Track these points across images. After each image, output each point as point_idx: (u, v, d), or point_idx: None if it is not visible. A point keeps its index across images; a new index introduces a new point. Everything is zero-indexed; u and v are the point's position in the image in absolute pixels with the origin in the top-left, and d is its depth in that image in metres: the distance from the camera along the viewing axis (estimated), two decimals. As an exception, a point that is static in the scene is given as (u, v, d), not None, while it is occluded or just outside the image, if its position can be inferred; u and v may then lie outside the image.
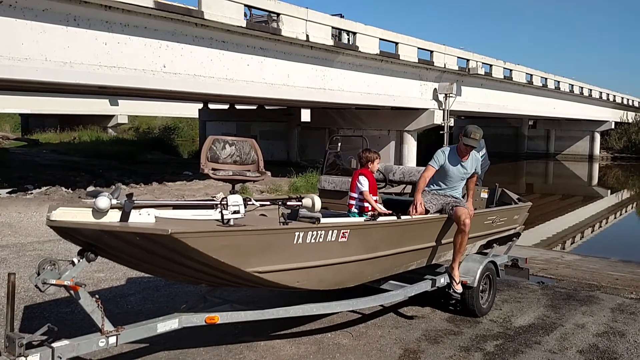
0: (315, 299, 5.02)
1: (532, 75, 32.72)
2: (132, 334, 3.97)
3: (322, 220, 4.42)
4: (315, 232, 4.32)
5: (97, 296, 3.80)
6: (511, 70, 30.12)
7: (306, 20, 17.41)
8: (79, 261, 3.75)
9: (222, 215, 3.89)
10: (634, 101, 54.36)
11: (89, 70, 12.48)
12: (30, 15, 11.41)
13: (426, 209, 5.55)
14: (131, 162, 25.38)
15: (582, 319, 6.13)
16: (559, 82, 36.76)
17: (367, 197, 5.46)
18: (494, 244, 6.80)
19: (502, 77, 29.24)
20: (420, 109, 24.31)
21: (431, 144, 33.40)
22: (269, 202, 4.82)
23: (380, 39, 20.86)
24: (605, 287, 7.68)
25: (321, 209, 4.48)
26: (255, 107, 31.51)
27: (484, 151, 7.77)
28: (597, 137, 48.33)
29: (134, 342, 4.19)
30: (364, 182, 5.50)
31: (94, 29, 12.46)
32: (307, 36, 17.38)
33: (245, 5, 15.40)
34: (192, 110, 38.51)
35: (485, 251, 6.68)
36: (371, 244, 4.99)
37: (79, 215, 3.58)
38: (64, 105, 38.48)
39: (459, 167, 5.79)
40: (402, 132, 25.18)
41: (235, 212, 3.91)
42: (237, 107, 32.11)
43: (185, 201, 5.13)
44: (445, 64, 24.51)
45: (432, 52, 23.96)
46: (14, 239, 9.35)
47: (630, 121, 51.26)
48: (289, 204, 4.62)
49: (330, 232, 4.46)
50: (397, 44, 21.84)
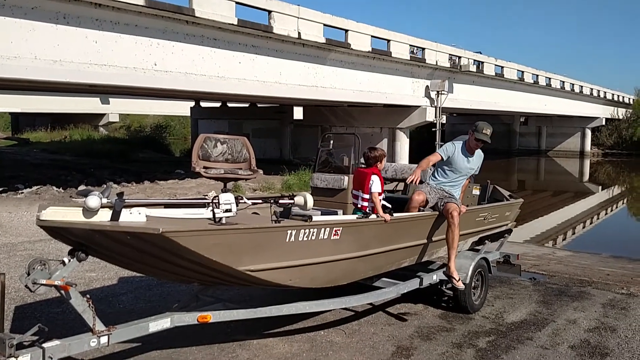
0: (308, 297, 5.02)
1: (523, 72, 32.86)
2: (124, 334, 3.96)
3: (317, 218, 4.41)
4: (307, 230, 4.32)
5: (88, 296, 3.78)
6: (502, 67, 30.25)
7: (298, 17, 17.39)
8: (70, 261, 3.73)
9: (214, 213, 3.88)
10: (624, 97, 54.75)
11: (79, 68, 12.39)
12: (19, 13, 11.31)
13: (426, 199, 5.73)
14: (123, 160, 25.25)
15: (574, 315, 6.17)
16: (550, 79, 36.94)
17: (375, 200, 5.19)
18: (486, 241, 6.82)
19: (494, 74, 29.36)
20: (412, 106, 24.34)
21: (423, 141, 33.62)
22: (261, 201, 4.81)
23: (372, 37, 20.88)
24: (596, 283, 7.72)
25: (314, 207, 4.46)
26: (247, 105, 31.43)
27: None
28: (588, 133, 48.65)
29: (126, 341, 4.18)
30: (377, 184, 5.23)
31: (84, 27, 12.38)
32: (299, 34, 17.36)
33: (236, 2, 15.34)
34: (184, 108, 38.37)
35: (477, 248, 6.70)
36: (363, 241, 4.98)
37: (69, 214, 3.55)
38: (54, 103, 38.26)
39: (466, 162, 5.89)
40: (394, 130, 25.21)
41: (227, 211, 3.90)
42: (229, 105, 32.02)
43: (176, 200, 5.10)
44: (437, 61, 24.58)
45: (424, 49, 24.01)
46: (5, 239, 9.28)
47: (620, 117, 51.62)
48: (281, 202, 4.61)
49: (322, 229, 4.45)
50: (389, 41, 21.87)
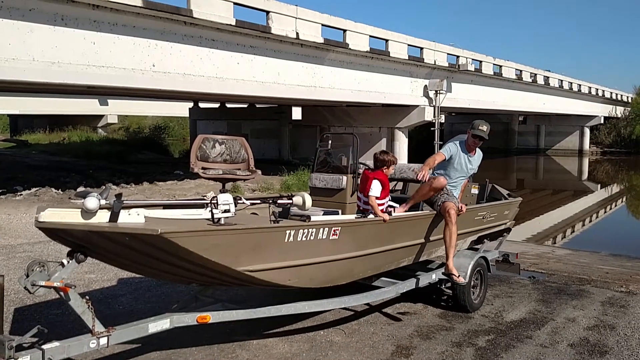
0: (307, 296, 5.02)
1: (521, 71, 32.88)
2: (124, 335, 3.95)
3: (316, 218, 4.42)
4: (306, 230, 4.32)
5: (87, 297, 3.78)
6: (501, 66, 30.27)
7: (296, 17, 17.39)
8: (69, 262, 3.72)
9: (213, 214, 3.88)
10: (622, 96, 54.77)
11: (78, 70, 12.38)
12: (17, 15, 11.30)
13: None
14: (121, 162, 25.23)
15: (573, 313, 6.17)
16: (548, 77, 36.98)
17: (372, 203, 5.20)
18: (485, 240, 6.83)
19: (492, 73, 29.37)
20: (410, 106, 24.35)
21: (422, 140, 33.62)
22: (259, 201, 4.81)
23: (370, 36, 20.88)
24: (595, 281, 7.73)
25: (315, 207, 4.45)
26: (246, 106, 31.43)
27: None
28: (587, 132, 48.68)
29: (125, 342, 4.17)
30: (376, 188, 5.24)
31: (82, 29, 12.37)
32: (297, 34, 17.36)
33: (234, 3, 15.34)
34: (182, 109, 38.33)
35: (476, 247, 6.71)
36: (362, 241, 4.99)
37: (67, 216, 3.55)
38: (53, 105, 38.20)
39: (466, 162, 5.91)
40: (393, 129, 25.22)
41: (225, 211, 3.90)
42: (228, 105, 32.02)
43: (175, 201, 5.10)
44: (435, 61, 24.58)
45: (422, 49, 24.02)
46: (4, 241, 9.27)
47: (619, 116, 51.67)
48: (279, 202, 4.62)
49: (321, 230, 4.46)
50: (387, 41, 21.87)
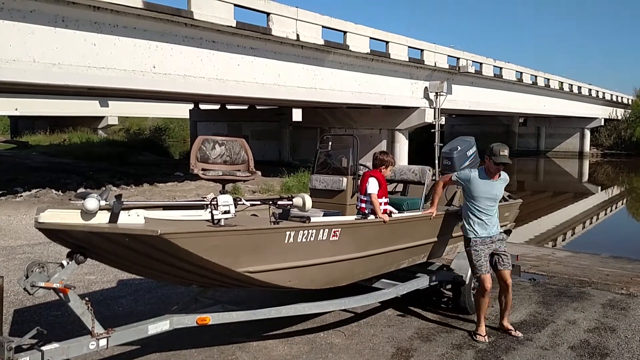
0: (307, 298, 5.02)
1: (522, 73, 32.88)
2: (123, 336, 3.95)
3: (316, 219, 4.41)
4: (306, 232, 4.32)
5: (87, 298, 3.78)
6: (501, 68, 30.26)
7: (296, 19, 17.38)
8: (68, 263, 3.72)
9: (212, 215, 3.88)
10: (623, 98, 54.76)
11: (78, 71, 12.38)
12: (17, 16, 11.30)
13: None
14: (122, 163, 25.23)
15: (574, 315, 6.16)
16: (548, 79, 36.96)
17: (374, 200, 5.26)
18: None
19: (492, 75, 29.36)
20: (411, 108, 24.34)
21: (422, 142, 33.60)
22: (259, 202, 4.81)
23: (370, 38, 20.88)
24: (596, 283, 7.72)
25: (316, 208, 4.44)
26: (246, 107, 31.43)
27: (474, 149, 7.79)
28: (587, 134, 48.64)
29: (125, 344, 4.17)
30: (373, 185, 5.31)
31: (83, 30, 12.37)
32: (297, 36, 17.36)
33: (235, 5, 15.34)
34: (183, 110, 38.34)
35: (476, 248, 6.68)
36: (362, 242, 4.98)
37: (67, 217, 3.55)
38: (53, 106, 38.21)
39: (489, 187, 5.52)
40: (393, 131, 25.20)
41: (225, 212, 3.90)
42: (229, 107, 32.01)
43: (175, 202, 5.10)
44: (435, 63, 24.57)
45: (422, 50, 24.01)
46: (4, 242, 9.27)
47: (619, 118, 51.62)
48: (279, 203, 4.61)
49: (321, 231, 4.45)
50: (387, 42, 21.87)
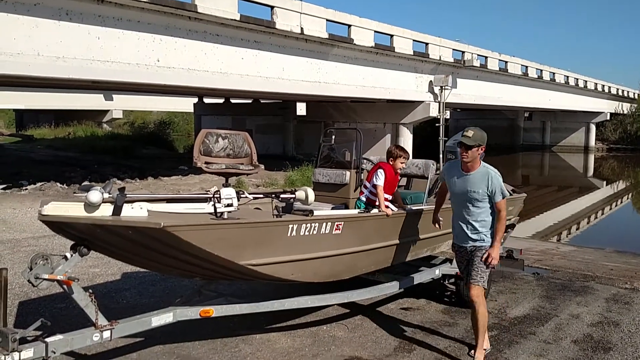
0: (310, 291, 5.03)
1: (527, 67, 32.72)
2: (127, 328, 3.97)
3: (319, 212, 4.41)
4: (309, 225, 4.32)
5: (90, 290, 3.80)
6: (506, 62, 30.12)
7: (300, 12, 17.34)
8: (72, 256, 3.74)
9: (215, 208, 3.88)
10: (629, 92, 54.45)
11: (82, 65, 12.40)
12: (22, 9, 11.32)
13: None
14: (126, 157, 25.26)
15: (577, 310, 6.15)
16: (554, 73, 36.79)
17: (379, 192, 5.22)
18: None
19: (498, 69, 29.23)
20: (415, 102, 24.29)
21: (427, 136, 33.54)
22: (262, 195, 4.81)
23: (375, 32, 20.81)
24: (600, 278, 7.70)
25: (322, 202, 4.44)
26: (250, 101, 31.43)
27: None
28: (593, 128, 48.44)
29: (128, 336, 4.19)
30: (381, 176, 5.25)
31: (87, 23, 12.38)
32: (301, 29, 17.31)
33: (238, -2, 15.32)
34: (187, 104, 38.41)
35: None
36: (365, 236, 4.98)
37: (71, 209, 3.56)
38: (58, 100, 38.33)
39: (463, 183, 4.63)
40: (397, 125, 25.15)
41: (228, 205, 3.90)
42: (233, 101, 32.02)
43: (178, 195, 5.12)
44: (440, 56, 24.48)
45: (427, 44, 23.91)
46: (9, 235, 9.31)
47: (625, 112, 51.35)
48: (282, 196, 4.61)
49: (324, 224, 4.45)
50: (392, 36, 21.79)
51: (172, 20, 14.08)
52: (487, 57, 28.19)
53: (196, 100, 33.45)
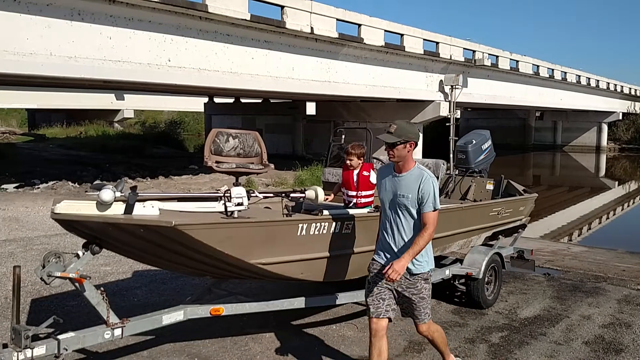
0: (319, 291, 5.03)
1: (538, 66, 32.48)
2: (138, 326, 4.00)
3: (329, 212, 4.42)
4: (319, 224, 4.32)
5: (102, 288, 3.83)
6: (517, 61, 29.90)
7: (310, 12, 17.33)
8: (84, 254, 3.78)
9: (226, 207, 3.90)
10: (642, 92, 53.92)
11: (94, 64, 12.49)
12: (34, 10, 11.42)
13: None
14: (137, 156, 25.45)
15: (588, 310, 6.11)
16: (565, 72, 36.48)
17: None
18: (500, 236, 6.77)
19: (509, 68, 29.04)
20: (426, 101, 24.19)
21: (437, 136, 33.43)
22: (272, 194, 4.82)
23: (385, 31, 20.74)
24: (611, 279, 7.65)
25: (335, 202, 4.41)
26: (260, 101, 31.48)
27: (490, 143, 7.73)
28: (605, 128, 47.97)
29: (139, 334, 4.22)
30: (372, 176, 5.05)
31: (99, 24, 12.47)
32: (311, 28, 17.31)
33: (249, -2, 15.35)
34: (198, 104, 38.55)
35: (490, 243, 6.66)
36: (375, 235, 4.97)
37: (83, 208, 3.59)
38: (70, 100, 38.59)
39: (392, 186, 3.80)
40: (407, 125, 25.05)
41: (238, 204, 3.92)
42: (243, 100, 32.10)
43: (189, 194, 5.15)
44: (451, 56, 24.36)
45: (437, 43, 23.80)
46: (21, 233, 9.41)
47: (638, 112, 50.80)
48: (292, 196, 4.62)
49: (333, 224, 4.46)
50: (402, 35, 21.72)
51: (183, 20, 14.14)
52: (498, 57, 28.02)
53: (206, 99, 33.57)
